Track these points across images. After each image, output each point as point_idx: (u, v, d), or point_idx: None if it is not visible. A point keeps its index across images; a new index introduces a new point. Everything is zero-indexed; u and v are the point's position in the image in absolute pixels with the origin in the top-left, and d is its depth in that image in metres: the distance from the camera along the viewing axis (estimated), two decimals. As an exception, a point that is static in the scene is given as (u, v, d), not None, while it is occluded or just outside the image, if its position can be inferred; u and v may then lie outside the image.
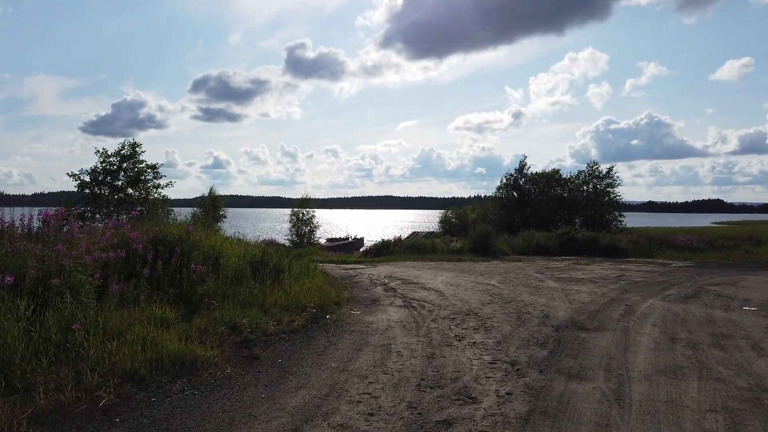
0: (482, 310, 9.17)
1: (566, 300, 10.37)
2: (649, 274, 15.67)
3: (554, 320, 8.40)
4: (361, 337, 7.24)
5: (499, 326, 7.92)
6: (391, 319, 8.42)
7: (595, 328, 7.88)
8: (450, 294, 10.99)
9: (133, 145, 17.29)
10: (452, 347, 6.71)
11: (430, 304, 9.80)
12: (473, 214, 33.46)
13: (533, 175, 33.87)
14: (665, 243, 25.76)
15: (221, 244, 9.92)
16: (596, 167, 32.80)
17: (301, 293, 9.13)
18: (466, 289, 11.68)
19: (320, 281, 10.72)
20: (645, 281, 13.84)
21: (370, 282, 13.01)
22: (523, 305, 9.69)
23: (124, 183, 16.85)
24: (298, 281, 10.18)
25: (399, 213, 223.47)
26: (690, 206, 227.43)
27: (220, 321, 7.12)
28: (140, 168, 17.20)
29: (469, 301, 10.11)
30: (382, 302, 10.08)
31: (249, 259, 9.78)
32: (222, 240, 10.56)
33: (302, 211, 31.63)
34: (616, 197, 32.16)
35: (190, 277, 8.22)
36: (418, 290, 11.57)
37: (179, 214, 17.38)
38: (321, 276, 11.47)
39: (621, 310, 9.43)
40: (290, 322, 7.66)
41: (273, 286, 9.26)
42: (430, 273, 15.05)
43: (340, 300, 9.81)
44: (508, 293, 11.16)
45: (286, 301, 8.56)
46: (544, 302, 10.06)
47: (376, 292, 11.42)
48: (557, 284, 12.75)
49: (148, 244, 8.57)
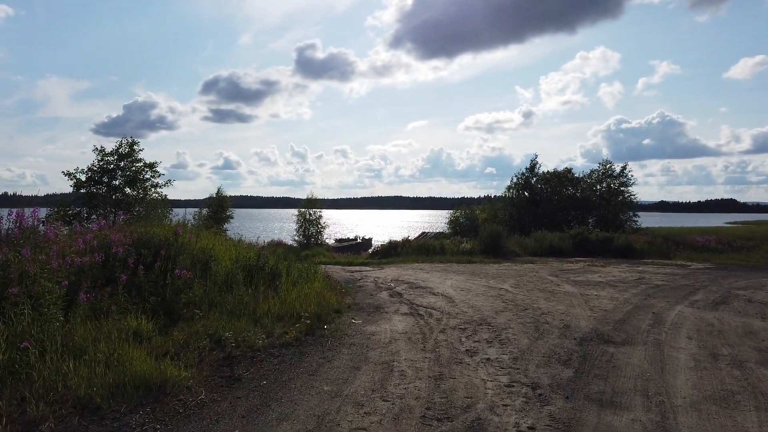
0: (496, 319, 8.29)
1: (587, 307, 9.46)
2: (669, 276, 14.69)
3: (576, 331, 7.50)
4: (360, 351, 6.38)
5: (515, 339, 7.04)
6: (395, 330, 7.56)
7: (623, 342, 6.98)
8: (460, 300, 10.12)
9: (131, 143, 16.55)
10: (463, 365, 5.84)
11: (438, 312, 8.94)
12: (483, 214, 32.48)
13: (545, 174, 32.80)
14: (682, 244, 24.69)
15: (212, 247, 9.10)
16: (609, 166, 31.70)
17: (298, 300, 8.30)
18: (477, 295, 10.80)
19: (320, 286, 9.89)
20: (667, 285, 12.88)
21: (375, 286, 12.16)
22: (541, 313, 8.80)
23: (121, 182, 16.12)
24: (297, 286, 9.35)
25: (408, 213, 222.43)
26: (703, 206, 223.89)
27: (203, 333, 6.31)
28: (138, 167, 16.48)
29: (480, 309, 9.23)
30: (387, 309, 9.23)
31: (243, 263, 8.96)
32: (214, 242, 9.74)
33: (309, 212, 30.80)
34: (630, 197, 31.05)
35: (175, 283, 7.41)
36: (425, 295, 10.71)
37: (177, 215, 16.64)
38: (322, 280, 10.64)
39: (648, 319, 8.51)
40: (282, 334, 6.82)
41: (268, 293, 8.44)
42: (439, 276, 14.18)
43: (341, 307, 8.97)
44: (523, 299, 10.27)
45: (280, 310, 7.73)
46: (563, 310, 9.16)
47: (380, 297, 10.57)
48: (574, 288, 11.84)
49: (130, 248, 7.79)
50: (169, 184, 16.90)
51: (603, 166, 31.89)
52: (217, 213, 32.69)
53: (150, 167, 16.67)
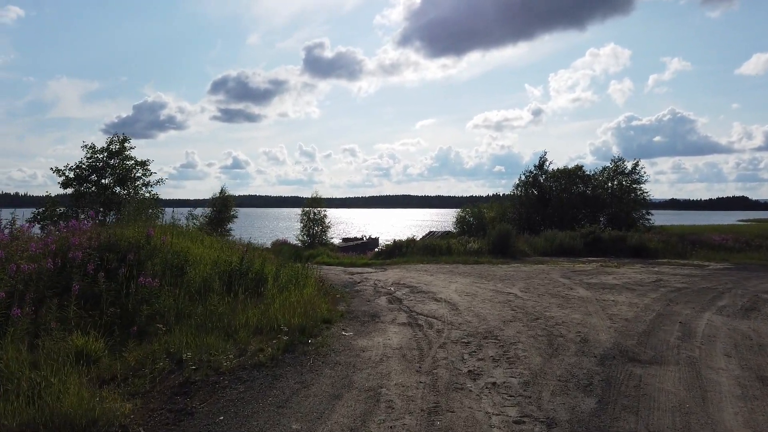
0: (503, 332, 7.29)
1: (605, 315, 8.44)
2: (688, 278, 13.61)
3: (596, 347, 6.49)
4: (345, 373, 5.42)
5: (525, 356, 6.04)
6: (389, 344, 6.60)
7: (651, 360, 5.96)
8: (464, 307, 9.13)
9: (122, 140, 15.63)
10: (464, 392, 4.86)
11: (439, 322, 7.96)
12: (491, 212, 31.40)
13: (554, 171, 31.64)
14: (698, 242, 23.51)
15: (189, 250, 8.17)
16: (621, 163, 30.49)
17: (283, 309, 7.35)
18: (484, 301, 9.81)
19: (312, 292, 8.94)
20: (688, 288, 11.82)
21: (374, 291, 11.19)
22: (554, 323, 7.79)
23: (111, 181, 15.21)
24: (284, 293, 8.41)
25: (417, 212, 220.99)
26: (714, 204, 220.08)
27: (161, 353, 5.38)
28: (128, 165, 15.57)
29: (486, 318, 8.23)
30: (383, 318, 8.27)
31: (223, 268, 8.03)
32: (194, 244, 8.82)
33: (313, 211, 29.88)
34: (642, 194, 29.84)
35: (138, 292, 6.49)
36: (427, 302, 9.73)
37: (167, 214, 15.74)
38: (314, 285, 9.68)
39: (676, 330, 7.48)
40: (257, 351, 5.87)
41: (249, 301, 7.51)
42: (444, 279, 13.19)
43: (333, 316, 8.01)
44: (534, 306, 9.26)
45: (260, 321, 6.78)
46: (579, 319, 8.14)
47: (378, 304, 9.61)
48: (589, 293, 10.81)
49: (93, 252, 6.88)
50: (161, 182, 16.00)
51: (614, 163, 30.73)
52: (221, 212, 31.86)
53: (141, 165, 15.77)
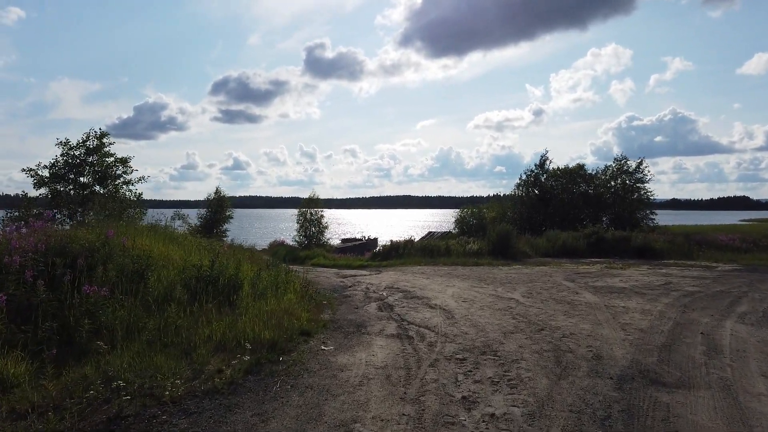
0: (504, 346, 6.37)
1: (617, 325, 7.52)
2: (699, 281, 12.68)
3: (611, 365, 5.56)
4: (315, 401, 4.51)
5: (529, 378, 5.12)
6: (372, 362, 5.68)
7: (677, 383, 5.04)
8: (461, 315, 8.21)
9: (100, 136, 14.68)
10: (456, 427, 3.95)
11: (432, 333, 7.05)
12: (491, 212, 30.45)
13: (555, 170, 30.68)
14: (704, 243, 22.58)
15: (153, 253, 7.26)
16: (624, 161, 29.49)
17: (256, 320, 6.45)
18: (483, 308, 8.89)
19: (293, 299, 8.04)
20: (701, 292, 10.89)
21: (365, 296, 10.28)
22: (561, 335, 6.86)
23: (90, 179, 14.27)
24: (261, 300, 7.51)
25: (417, 213, 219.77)
26: (715, 204, 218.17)
27: (97, 377, 4.47)
28: (108, 162, 14.63)
29: (485, 328, 7.31)
30: (370, 329, 7.36)
31: (191, 272, 7.11)
32: (165, 246, 7.91)
33: (309, 211, 28.98)
34: (646, 194, 28.85)
35: (86, 302, 5.60)
36: (420, 309, 8.82)
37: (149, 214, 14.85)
38: (298, 291, 8.78)
39: (699, 343, 6.56)
40: (215, 373, 4.96)
41: (220, 310, 6.61)
42: (441, 282, 12.28)
43: (313, 327, 7.10)
44: (537, 314, 8.34)
45: (226, 335, 5.87)
46: (589, 330, 7.22)
47: (367, 311, 8.70)
48: (596, 298, 9.89)
49: (36, 257, 5.99)
50: (143, 180, 15.04)
51: (618, 162, 29.73)
52: (217, 213, 31.04)
53: (122, 163, 14.81)
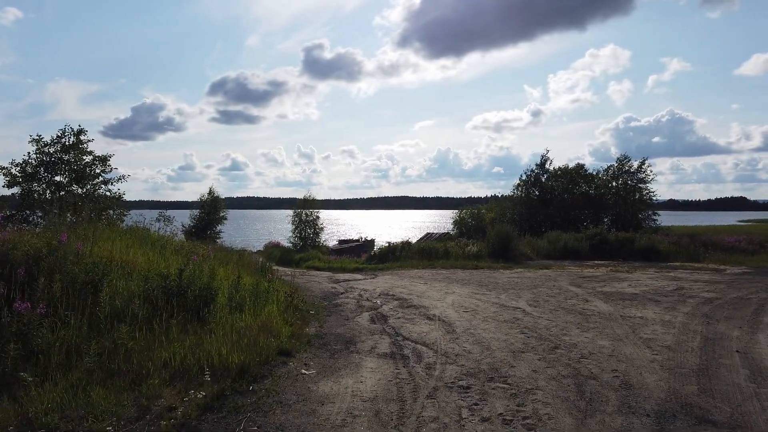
0: (514, 369, 5.42)
1: (639, 341, 6.58)
2: (712, 285, 11.76)
3: (644, 397, 4.61)
4: (285, 450, 3.57)
5: (549, 416, 4.17)
6: (359, 392, 4.73)
7: (730, 422, 4.08)
8: (463, 329, 7.27)
9: (77, 132, 13.63)
10: (462, 492, 3.02)
11: (431, 351, 6.11)
12: (491, 213, 29.55)
13: (556, 170, 29.75)
14: (710, 244, 21.71)
15: (112, 259, 6.29)
16: (626, 161, 28.58)
17: (226, 339, 5.50)
18: (486, 319, 7.95)
19: (274, 311, 7.09)
20: (719, 299, 9.97)
21: (357, 305, 9.33)
22: (579, 356, 5.91)
23: (66, 179, 13.20)
24: (238, 313, 6.57)
25: (415, 213, 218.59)
26: (713, 204, 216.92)
27: (14, 419, 3.52)
28: (86, 161, 13.57)
29: (491, 345, 6.37)
30: (360, 346, 6.41)
31: (156, 282, 6.15)
32: (125, 251, 6.94)
33: (305, 212, 28.02)
34: (649, 194, 27.94)
35: (16, 322, 4.64)
36: (417, 320, 7.87)
37: (128, 215, 13.86)
38: (281, 301, 7.82)
39: (739, 365, 5.61)
40: (166, 411, 4.00)
41: (184, 328, 5.65)
42: (439, 288, 11.33)
43: (295, 344, 6.15)
44: (548, 327, 7.40)
45: (188, 360, 4.91)
46: (609, 348, 6.28)
47: (358, 323, 7.75)
48: (609, 306, 8.96)
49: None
50: (123, 179, 13.98)
51: (619, 161, 28.82)
52: (210, 214, 30.08)
53: (102, 161, 13.75)
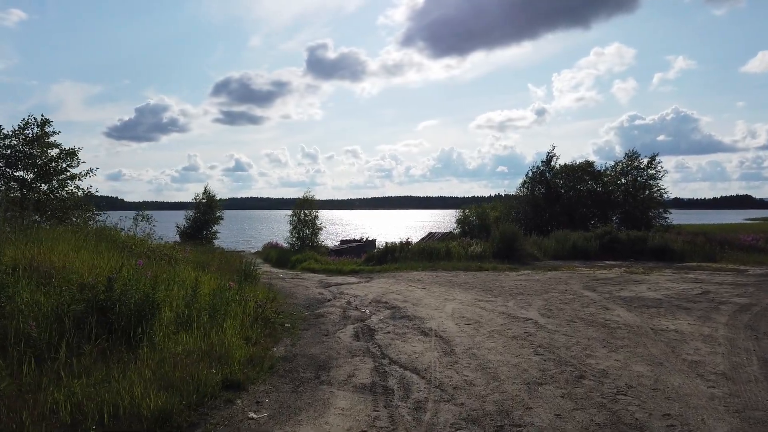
0: (530, 412, 3.99)
1: (684, 366, 5.15)
2: (740, 289, 10.30)
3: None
4: None
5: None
6: (319, 450, 3.36)
7: None
8: (464, 348, 5.86)
9: (41, 123, 12.23)
10: None
11: (422, 382, 4.71)
12: (495, 212, 28.08)
13: (562, 167, 28.21)
14: (726, 243, 20.20)
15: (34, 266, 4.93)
16: (636, 157, 27.02)
17: (158, 369, 4.14)
18: (492, 334, 6.54)
19: (234, 327, 5.71)
20: (754, 305, 8.55)
21: (342, 315, 7.94)
22: (614, 389, 4.48)
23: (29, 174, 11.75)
24: (185, 332, 5.21)
25: (419, 213, 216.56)
26: (718, 202, 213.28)
27: None
28: (52, 155, 12.16)
29: (498, 373, 4.96)
30: (335, 373, 5.03)
31: (69, 296, 4.76)
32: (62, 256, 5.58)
33: (303, 212, 26.66)
34: (660, 191, 26.38)
35: None
36: (410, 336, 6.47)
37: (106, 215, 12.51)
38: (250, 312, 6.45)
39: (826, 403, 4.21)
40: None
41: (103, 357, 4.30)
42: (439, 294, 9.93)
43: (251, 372, 4.77)
44: (567, 344, 5.98)
45: (87, 406, 3.55)
46: (649, 376, 4.85)
47: (338, 341, 6.35)
48: (634, 316, 7.54)
49: None
50: (91, 173, 12.51)
51: (628, 158, 27.27)
52: (206, 214, 28.77)
53: (70, 156, 12.31)
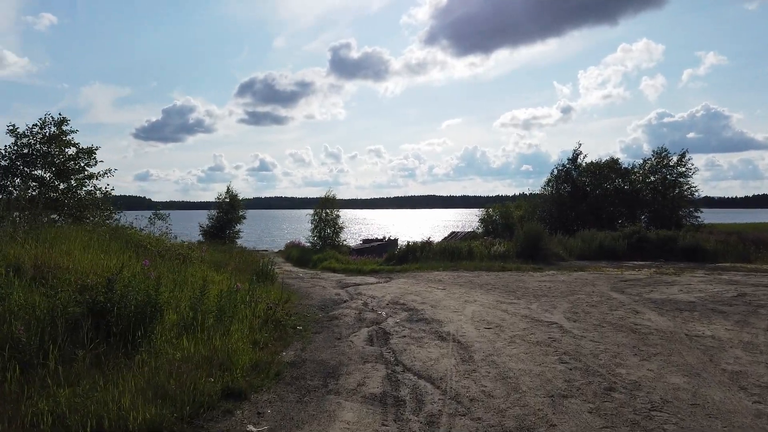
0: (555, 430, 3.64)
1: (725, 378, 4.67)
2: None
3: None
4: None
5: None
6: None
7: None
8: (483, 355, 5.48)
9: (59, 122, 12.05)
10: None
11: (436, 392, 4.36)
12: (519, 211, 27.45)
13: (588, 165, 27.39)
14: (760, 243, 19.29)
15: (38, 266, 4.73)
16: (665, 154, 26.05)
17: (153, 377, 3.88)
18: (513, 339, 6.14)
19: (242, 330, 5.44)
20: (798, 309, 7.93)
21: (357, 318, 7.62)
22: (648, 404, 4.03)
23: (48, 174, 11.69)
24: (189, 335, 4.95)
25: (442, 212, 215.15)
26: (750, 201, 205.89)
27: None
28: (69, 154, 12.01)
29: (520, 383, 4.57)
30: (344, 381, 4.71)
31: (65, 298, 4.54)
32: (66, 255, 5.38)
33: (325, 211, 26.48)
34: (690, 189, 25.38)
35: None
36: (426, 341, 6.12)
37: (122, 214, 12.44)
38: (260, 315, 6.18)
39: None
40: None
41: (97, 363, 4.06)
42: (459, 296, 9.54)
43: (255, 380, 4.49)
44: (594, 351, 5.55)
45: (70, 419, 3.30)
46: (687, 389, 4.40)
47: (351, 345, 6.03)
48: (666, 320, 7.03)
49: None
50: (109, 173, 12.43)
51: (657, 155, 26.30)
52: (228, 213, 28.77)
53: (87, 154, 12.23)
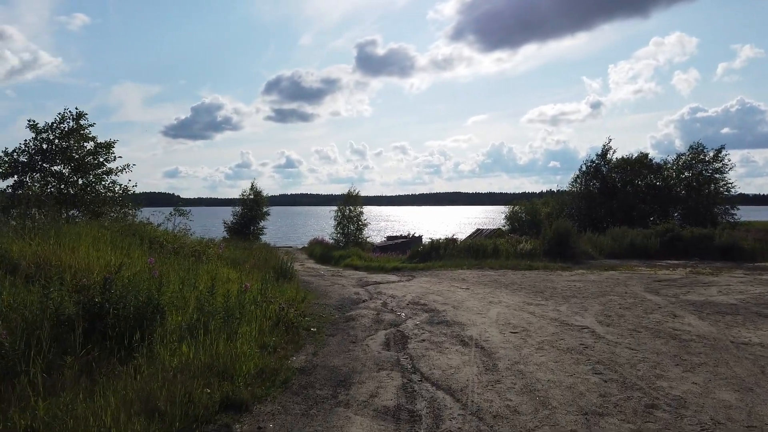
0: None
1: (784, 395, 4.15)
2: (835, 295, 8.91)
3: None
4: None
5: None
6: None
7: None
8: (508, 363, 5.02)
9: (77, 116, 11.84)
10: None
11: (456, 406, 3.93)
12: (546, 208, 26.66)
13: (618, 161, 26.36)
14: (803, 242, 18.22)
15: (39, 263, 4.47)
16: (701, 149, 24.88)
17: (145, 386, 3.56)
18: (542, 345, 5.66)
19: (250, 333, 5.10)
20: None
21: (375, 319, 7.22)
22: (699, 428, 3.50)
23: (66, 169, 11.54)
24: (193, 338, 4.63)
25: (467, 209, 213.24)
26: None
27: None
28: (88, 149, 11.89)
29: (549, 397, 4.11)
30: (356, 391, 4.32)
31: (58, 300, 4.25)
32: (71, 251, 5.12)
33: (348, 208, 26.23)
34: (727, 186, 24.20)
35: None
36: (447, 346, 5.68)
37: (141, 212, 12.28)
38: (272, 316, 5.84)
39: None
40: None
41: (88, 370, 3.76)
42: (483, 296, 9.06)
43: (259, 390, 4.13)
44: (631, 361, 5.03)
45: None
46: (740, 407, 3.85)
47: (366, 350, 5.64)
48: (708, 325, 6.45)
49: None
50: (127, 169, 12.26)
51: (693, 150, 25.14)
52: (252, 210, 28.76)
53: (106, 148, 12.07)
